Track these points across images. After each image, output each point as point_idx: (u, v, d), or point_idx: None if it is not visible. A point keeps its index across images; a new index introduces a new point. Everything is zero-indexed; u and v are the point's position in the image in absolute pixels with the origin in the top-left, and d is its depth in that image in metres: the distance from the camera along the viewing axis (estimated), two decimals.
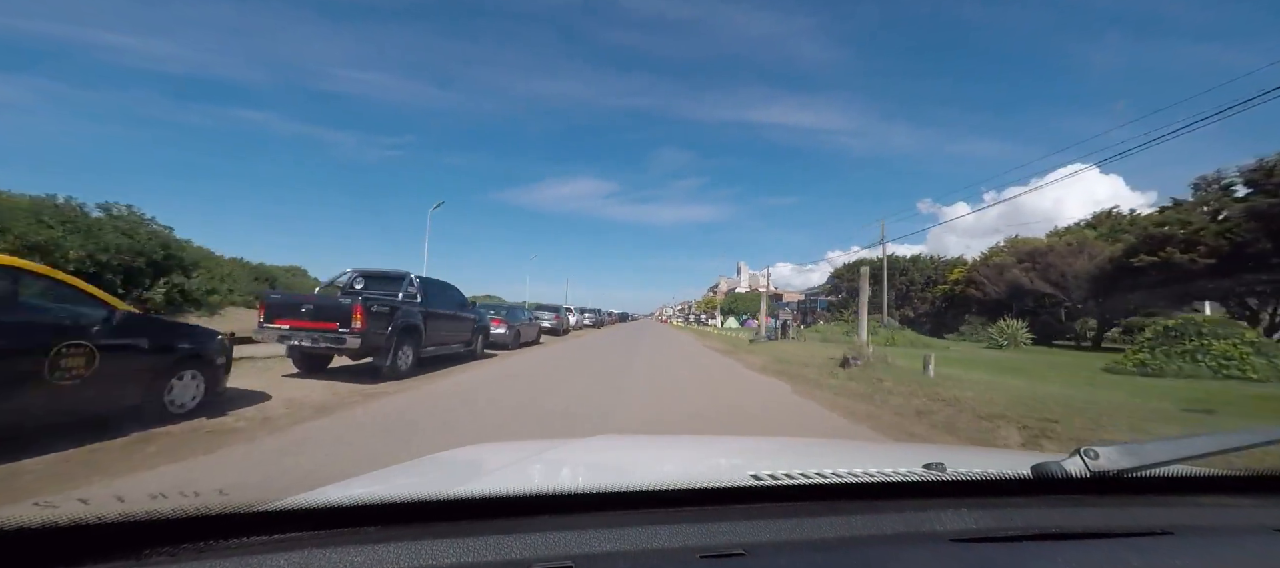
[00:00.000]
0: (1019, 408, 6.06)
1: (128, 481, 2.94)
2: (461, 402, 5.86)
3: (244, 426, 4.20)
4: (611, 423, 5.01)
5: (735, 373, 10.42)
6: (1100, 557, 0.69)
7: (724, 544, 0.66)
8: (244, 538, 0.59)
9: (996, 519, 0.75)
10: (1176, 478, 0.85)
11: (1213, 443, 0.79)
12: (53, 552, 0.53)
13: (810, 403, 6.79)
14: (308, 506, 0.65)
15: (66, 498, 2.56)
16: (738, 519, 0.71)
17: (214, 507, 0.57)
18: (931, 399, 6.72)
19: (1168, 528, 0.76)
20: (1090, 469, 0.77)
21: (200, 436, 3.85)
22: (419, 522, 0.65)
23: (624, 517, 0.70)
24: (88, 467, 3.09)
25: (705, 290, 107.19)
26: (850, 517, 0.73)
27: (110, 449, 3.41)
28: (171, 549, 0.56)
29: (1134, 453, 0.77)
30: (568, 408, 5.74)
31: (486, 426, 4.74)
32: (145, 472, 3.06)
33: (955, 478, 0.84)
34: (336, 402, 5.38)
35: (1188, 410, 6.81)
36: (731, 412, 6.24)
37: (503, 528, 0.64)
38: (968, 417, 5.71)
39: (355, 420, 4.66)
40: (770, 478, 0.81)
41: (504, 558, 0.60)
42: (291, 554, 0.57)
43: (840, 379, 9.01)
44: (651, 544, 0.65)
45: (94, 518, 0.53)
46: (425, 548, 0.60)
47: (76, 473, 2.99)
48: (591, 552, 0.62)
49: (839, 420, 5.66)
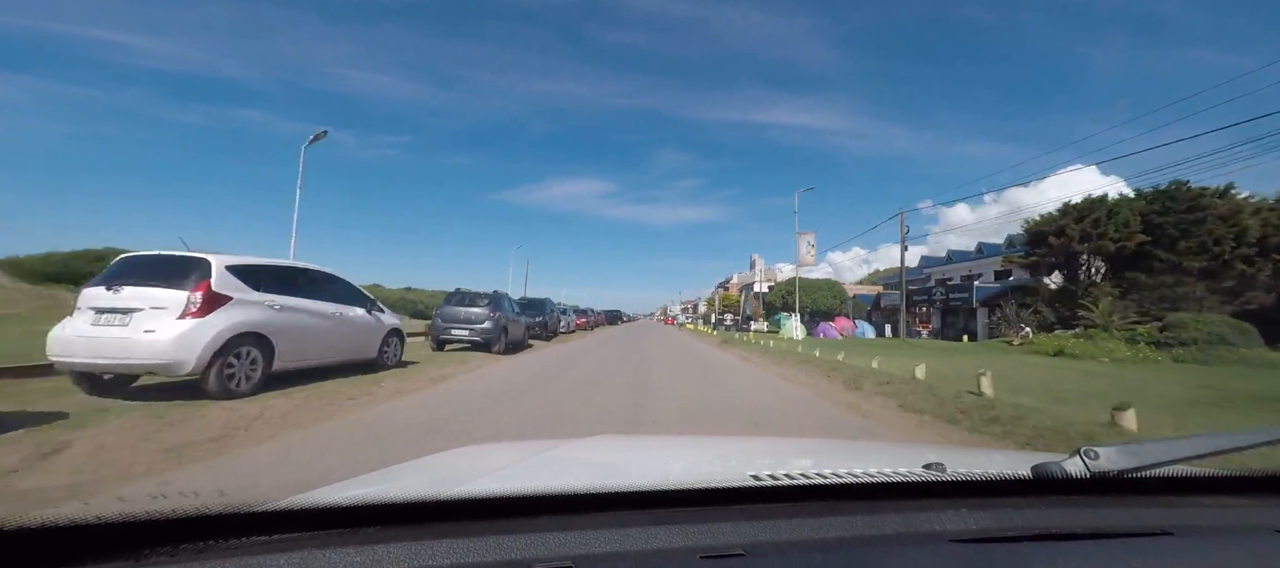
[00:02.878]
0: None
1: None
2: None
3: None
4: None
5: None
6: (1100, 557, 0.68)
7: (724, 544, 0.65)
8: (244, 538, 0.59)
9: (996, 520, 0.74)
10: (1176, 478, 0.83)
11: (1213, 443, 0.77)
12: (53, 552, 0.53)
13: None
14: (308, 506, 0.65)
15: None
16: (738, 520, 0.71)
17: (213, 507, 0.57)
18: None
19: (1168, 528, 0.75)
20: (1090, 470, 0.75)
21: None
22: (419, 522, 0.65)
23: (624, 517, 0.70)
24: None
25: (714, 287, 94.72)
26: (850, 517, 0.72)
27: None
28: (171, 549, 0.56)
29: (1134, 453, 0.76)
30: None
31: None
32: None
33: (955, 478, 0.83)
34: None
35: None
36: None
37: (503, 528, 0.64)
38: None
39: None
40: (770, 478, 0.80)
41: (504, 558, 0.60)
42: (291, 555, 0.57)
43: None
44: (651, 545, 0.64)
45: (93, 518, 0.53)
46: (425, 548, 0.60)
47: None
48: (591, 552, 0.62)
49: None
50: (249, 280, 5.60)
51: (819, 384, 8.74)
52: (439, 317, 11.99)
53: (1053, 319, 22.80)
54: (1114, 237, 21.30)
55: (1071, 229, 22.26)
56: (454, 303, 12.16)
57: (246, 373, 5.35)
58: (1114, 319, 19.65)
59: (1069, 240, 22.27)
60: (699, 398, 6.76)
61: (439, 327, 11.79)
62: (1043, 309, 23.28)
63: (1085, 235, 21.91)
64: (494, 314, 11.89)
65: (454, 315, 11.88)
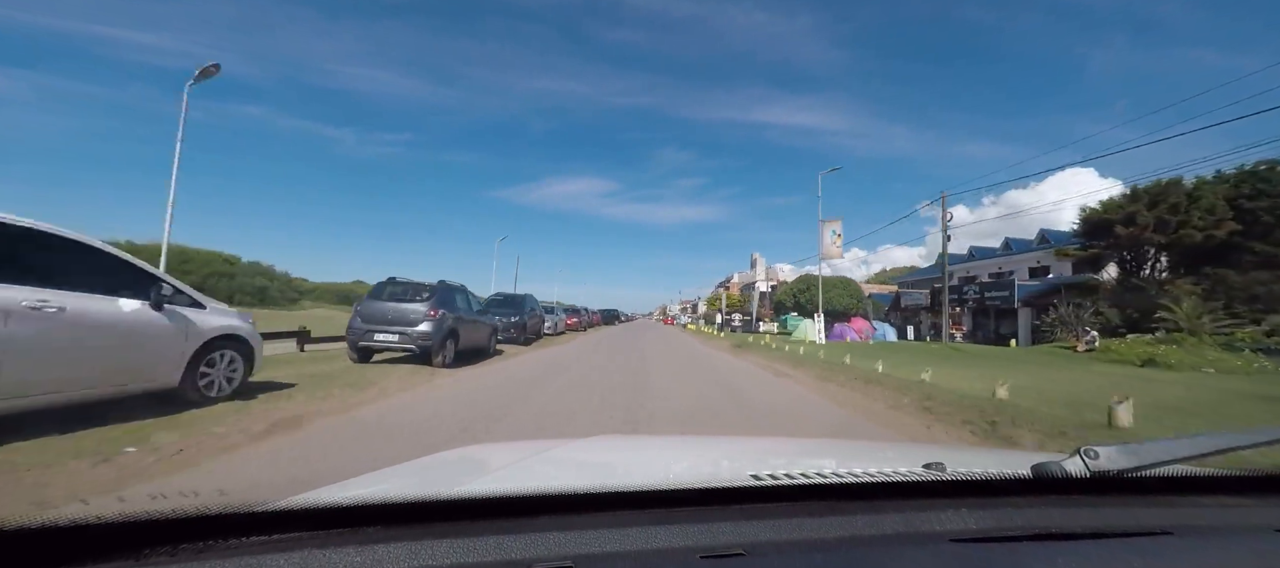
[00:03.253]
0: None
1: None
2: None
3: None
4: None
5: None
6: (1100, 557, 0.67)
7: (724, 544, 0.65)
8: (243, 538, 0.59)
9: (996, 519, 0.74)
10: (1176, 478, 0.83)
11: (1213, 443, 0.76)
12: (53, 552, 0.53)
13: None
14: (308, 506, 0.64)
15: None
16: (738, 519, 0.70)
17: (213, 507, 0.57)
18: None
19: (1168, 528, 0.75)
20: (1090, 469, 0.75)
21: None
22: (419, 522, 0.64)
23: (624, 517, 0.69)
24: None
25: (714, 286, 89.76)
26: (850, 517, 0.71)
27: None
28: (171, 549, 0.56)
29: (1134, 453, 0.75)
30: None
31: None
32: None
33: (955, 478, 0.82)
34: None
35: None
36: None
37: (503, 528, 0.64)
38: None
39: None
40: (770, 478, 0.79)
41: (504, 558, 0.59)
42: (291, 555, 0.57)
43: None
44: (652, 544, 0.64)
45: (94, 518, 0.53)
46: (425, 548, 0.59)
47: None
48: (591, 552, 0.61)
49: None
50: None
51: (880, 409, 6.32)
52: (359, 316, 8.70)
53: (1116, 321, 19.60)
54: (1199, 225, 18.04)
55: (1143, 217, 18.99)
56: (381, 297, 8.92)
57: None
58: (1204, 321, 16.44)
59: (1140, 230, 19.00)
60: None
61: (358, 329, 8.52)
62: (1105, 310, 20.06)
63: (1161, 224, 18.66)
64: (435, 313, 8.65)
65: (380, 314, 8.64)
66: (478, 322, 10.51)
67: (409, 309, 8.65)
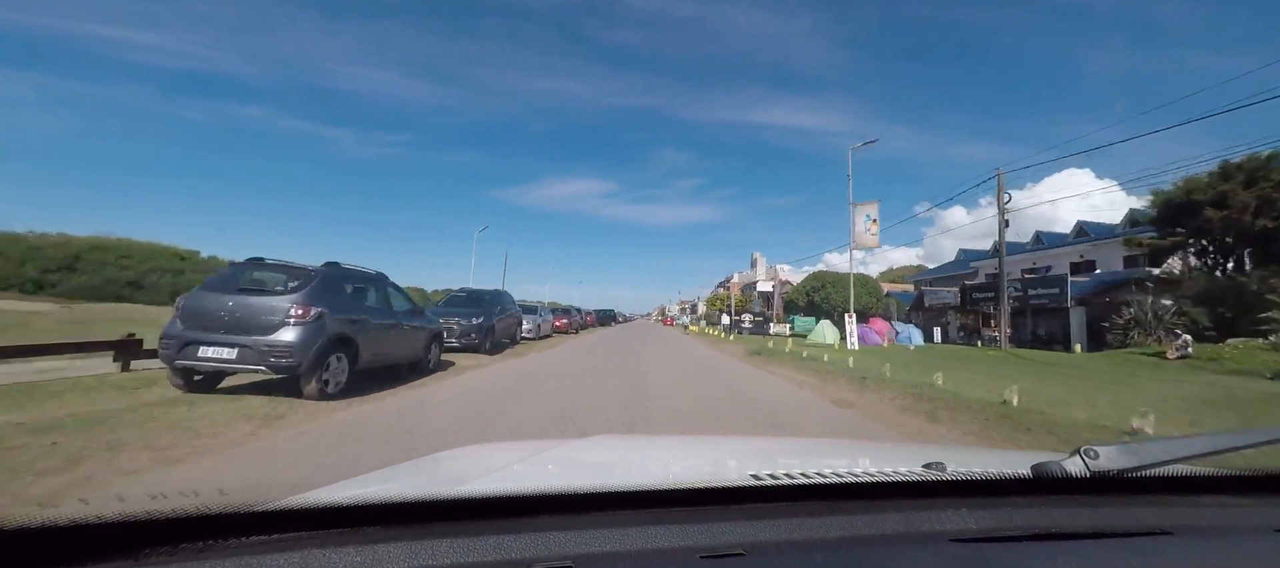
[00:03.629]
0: None
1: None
2: None
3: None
4: None
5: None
6: (1100, 557, 0.67)
7: (724, 544, 0.65)
8: (243, 538, 0.58)
9: (996, 519, 0.74)
10: (1176, 478, 0.83)
11: (1213, 443, 0.76)
12: (53, 552, 0.52)
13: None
14: (308, 506, 0.64)
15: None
16: (738, 519, 0.70)
17: (213, 507, 0.57)
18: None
19: (1167, 528, 0.74)
20: (1090, 469, 0.74)
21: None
22: (419, 522, 0.64)
23: (624, 517, 0.69)
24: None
25: (714, 286, 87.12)
26: (850, 517, 0.71)
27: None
28: (171, 549, 0.56)
29: (1134, 453, 0.75)
30: None
31: None
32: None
33: (955, 478, 0.82)
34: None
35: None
36: None
37: (503, 528, 0.63)
38: None
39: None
40: (770, 478, 0.79)
41: (504, 558, 0.59)
42: (291, 554, 0.56)
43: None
44: (652, 544, 0.64)
45: (93, 518, 0.53)
46: (425, 548, 0.59)
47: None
48: (591, 552, 0.61)
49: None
50: None
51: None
52: (180, 318, 5.37)
53: (1205, 323, 16.42)
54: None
55: (1239, 197, 15.81)
56: (226, 289, 5.63)
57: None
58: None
59: (1237, 212, 15.82)
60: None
61: (176, 340, 5.23)
62: (1190, 309, 16.88)
63: (1265, 203, 15.48)
64: (306, 313, 5.38)
65: (214, 316, 5.35)
66: (400, 326, 7.21)
67: (260, 306, 5.37)
